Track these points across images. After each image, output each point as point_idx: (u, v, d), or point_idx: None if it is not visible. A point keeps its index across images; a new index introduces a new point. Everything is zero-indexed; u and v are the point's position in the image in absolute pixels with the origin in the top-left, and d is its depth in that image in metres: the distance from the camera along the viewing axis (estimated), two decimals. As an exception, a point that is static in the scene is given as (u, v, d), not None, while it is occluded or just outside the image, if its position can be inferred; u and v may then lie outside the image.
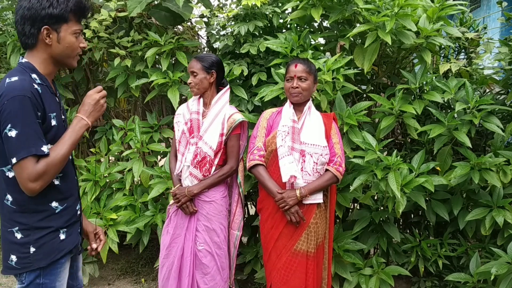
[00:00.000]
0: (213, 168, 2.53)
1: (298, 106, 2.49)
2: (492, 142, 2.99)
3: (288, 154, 2.37)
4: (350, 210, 3.42)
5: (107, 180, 3.39)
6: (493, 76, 3.35)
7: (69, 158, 1.66)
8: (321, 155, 2.39)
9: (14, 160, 1.49)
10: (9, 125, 1.47)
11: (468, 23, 3.49)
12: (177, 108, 3.13)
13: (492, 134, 3.05)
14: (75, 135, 1.60)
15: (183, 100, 3.42)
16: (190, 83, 2.55)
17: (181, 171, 2.59)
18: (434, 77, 2.93)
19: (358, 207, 3.39)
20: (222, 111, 2.55)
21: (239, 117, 2.56)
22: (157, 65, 3.42)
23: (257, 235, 3.37)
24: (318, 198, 2.42)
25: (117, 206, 3.19)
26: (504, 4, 3.68)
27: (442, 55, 3.52)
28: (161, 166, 3.17)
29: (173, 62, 3.38)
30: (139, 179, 3.34)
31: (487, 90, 3.39)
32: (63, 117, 1.71)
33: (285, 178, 2.35)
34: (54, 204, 1.63)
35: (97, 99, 1.66)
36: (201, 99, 2.59)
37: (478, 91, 3.29)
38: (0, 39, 3.38)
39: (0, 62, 3.81)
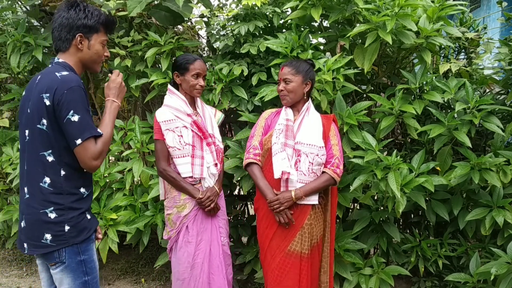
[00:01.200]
0: None
1: (295, 107, 2.51)
2: (492, 142, 2.99)
3: (281, 150, 2.37)
4: (350, 210, 3.42)
5: (107, 180, 3.39)
6: (493, 76, 3.35)
7: None
8: (317, 155, 2.39)
9: (79, 141, 1.73)
10: (72, 111, 1.70)
11: (468, 23, 3.49)
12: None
13: (492, 134, 3.05)
14: (112, 115, 1.90)
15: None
16: (203, 85, 2.56)
17: (201, 175, 2.53)
18: (434, 77, 2.93)
19: (358, 207, 3.40)
20: (208, 110, 2.70)
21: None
22: (157, 65, 3.42)
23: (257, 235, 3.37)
24: (313, 200, 2.41)
25: (117, 206, 3.19)
26: (504, 4, 3.68)
27: (442, 55, 3.52)
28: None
29: (173, 62, 3.37)
30: (139, 179, 3.34)
31: (487, 90, 3.39)
32: None
33: (276, 174, 2.34)
34: (82, 189, 1.85)
35: (120, 81, 1.96)
36: (186, 100, 2.59)
37: (478, 91, 3.29)
38: (0, 39, 3.38)
39: (0, 62, 3.81)
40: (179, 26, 3.63)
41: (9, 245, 3.82)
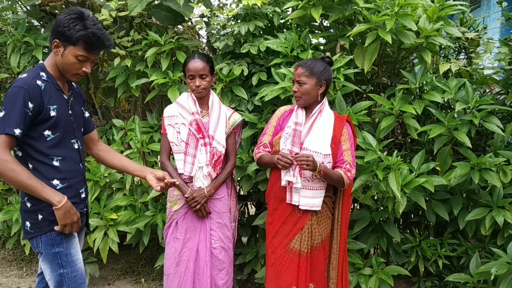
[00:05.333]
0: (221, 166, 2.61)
1: (309, 107, 2.47)
2: (492, 142, 2.99)
3: None
4: (350, 210, 3.42)
5: (107, 180, 3.39)
6: (493, 76, 3.35)
7: (74, 146, 1.99)
8: (322, 163, 2.36)
9: None
10: (2, 107, 1.79)
11: (468, 23, 3.49)
12: None
13: (492, 134, 3.05)
14: (38, 190, 1.79)
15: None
16: (199, 85, 2.51)
17: (190, 173, 2.56)
18: (434, 77, 2.93)
19: (358, 207, 3.40)
20: (222, 111, 2.64)
21: (238, 116, 2.70)
22: (157, 65, 3.42)
23: (257, 235, 3.37)
24: (316, 206, 2.42)
25: (117, 206, 3.19)
26: (504, 4, 3.69)
27: (442, 55, 3.52)
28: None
29: (173, 62, 3.38)
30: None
31: (487, 90, 3.39)
32: (70, 112, 1.99)
33: (282, 182, 2.40)
34: (55, 182, 1.91)
35: (71, 214, 1.88)
36: (196, 99, 2.59)
37: (478, 91, 3.29)
38: (0, 39, 3.38)
39: (0, 62, 3.81)
40: (179, 26, 3.63)
41: (9, 245, 3.81)
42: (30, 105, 1.79)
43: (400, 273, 2.98)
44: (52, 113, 1.87)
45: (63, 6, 3.54)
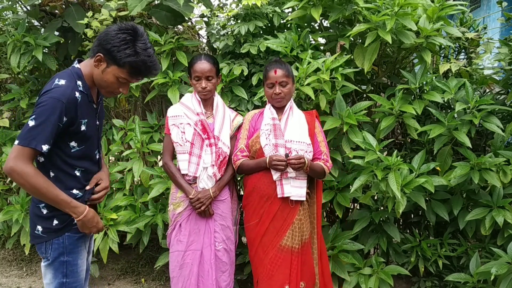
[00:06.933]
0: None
1: (279, 108, 2.53)
2: (492, 142, 2.99)
3: (275, 152, 2.42)
4: (350, 210, 3.42)
5: (107, 180, 3.39)
6: (493, 76, 3.35)
7: (96, 157, 1.97)
8: (306, 152, 2.44)
9: (16, 142, 1.70)
10: (33, 116, 1.70)
11: (468, 23, 3.49)
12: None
13: (492, 134, 3.05)
14: (59, 204, 1.79)
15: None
16: (205, 87, 2.51)
17: (195, 174, 2.54)
18: (434, 77, 2.93)
19: (358, 207, 3.40)
20: (227, 113, 2.64)
21: (241, 119, 2.68)
22: (157, 65, 3.42)
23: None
24: (303, 196, 2.46)
25: (117, 206, 3.19)
26: (504, 4, 3.69)
27: (442, 55, 3.52)
28: (161, 166, 3.17)
29: (173, 62, 3.38)
30: (139, 179, 3.34)
31: (487, 90, 3.39)
32: (97, 122, 1.95)
33: (275, 176, 2.41)
34: (75, 191, 1.88)
35: (95, 223, 1.90)
36: (201, 100, 2.59)
37: (478, 91, 3.29)
38: (0, 39, 3.38)
39: (0, 62, 3.81)
40: (179, 26, 3.63)
41: (9, 245, 3.81)
42: (64, 119, 1.73)
43: (400, 273, 2.99)
44: (82, 127, 1.83)
45: (63, 6, 3.54)
